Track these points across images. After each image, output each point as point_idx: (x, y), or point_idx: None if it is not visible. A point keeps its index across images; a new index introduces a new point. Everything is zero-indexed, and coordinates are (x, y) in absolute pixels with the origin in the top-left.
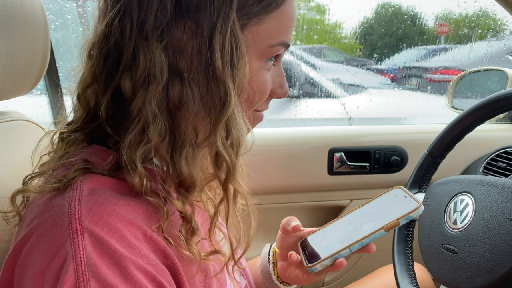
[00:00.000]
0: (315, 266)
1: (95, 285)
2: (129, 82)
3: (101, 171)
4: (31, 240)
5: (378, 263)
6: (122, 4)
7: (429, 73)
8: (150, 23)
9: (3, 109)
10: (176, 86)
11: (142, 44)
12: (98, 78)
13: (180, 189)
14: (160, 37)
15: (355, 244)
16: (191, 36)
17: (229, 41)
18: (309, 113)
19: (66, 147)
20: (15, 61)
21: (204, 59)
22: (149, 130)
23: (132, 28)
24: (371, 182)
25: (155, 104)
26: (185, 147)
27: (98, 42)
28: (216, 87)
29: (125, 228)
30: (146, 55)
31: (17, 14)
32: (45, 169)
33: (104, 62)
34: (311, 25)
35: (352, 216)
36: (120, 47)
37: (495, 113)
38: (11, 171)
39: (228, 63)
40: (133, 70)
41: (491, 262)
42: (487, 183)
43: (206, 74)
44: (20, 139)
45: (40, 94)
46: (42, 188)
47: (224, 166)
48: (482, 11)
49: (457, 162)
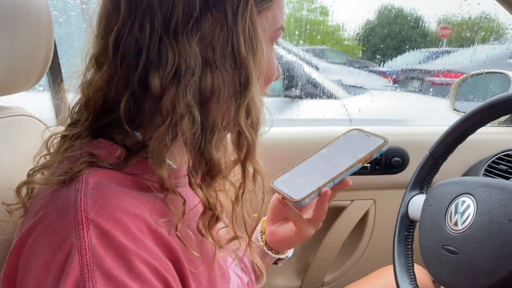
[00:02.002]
0: (304, 200)
1: (100, 276)
2: (157, 79)
3: (106, 165)
4: (36, 231)
5: (378, 264)
6: (137, 7)
7: (431, 76)
8: (178, 20)
9: (6, 104)
10: (209, 77)
11: (169, 40)
12: (113, 81)
13: (206, 177)
14: (191, 31)
15: (338, 178)
16: (218, 26)
17: (249, 28)
18: (311, 113)
19: (71, 141)
20: (19, 56)
21: (231, 47)
22: (183, 122)
23: (153, 28)
24: (372, 183)
25: (190, 96)
26: (215, 133)
27: (109, 48)
28: (240, 72)
29: (130, 221)
30: (175, 51)
31: (21, 10)
32: (50, 162)
33: (119, 65)
34: (313, 26)
35: (317, 157)
36: (138, 49)
37: (496, 115)
38: (13, 166)
39: (250, 49)
40: (160, 67)
41: (492, 263)
42: (489, 185)
43: (232, 61)
44: (23, 135)
45: (43, 91)
46: (47, 180)
47: (245, 145)
48: (485, 14)
49: (458, 164)
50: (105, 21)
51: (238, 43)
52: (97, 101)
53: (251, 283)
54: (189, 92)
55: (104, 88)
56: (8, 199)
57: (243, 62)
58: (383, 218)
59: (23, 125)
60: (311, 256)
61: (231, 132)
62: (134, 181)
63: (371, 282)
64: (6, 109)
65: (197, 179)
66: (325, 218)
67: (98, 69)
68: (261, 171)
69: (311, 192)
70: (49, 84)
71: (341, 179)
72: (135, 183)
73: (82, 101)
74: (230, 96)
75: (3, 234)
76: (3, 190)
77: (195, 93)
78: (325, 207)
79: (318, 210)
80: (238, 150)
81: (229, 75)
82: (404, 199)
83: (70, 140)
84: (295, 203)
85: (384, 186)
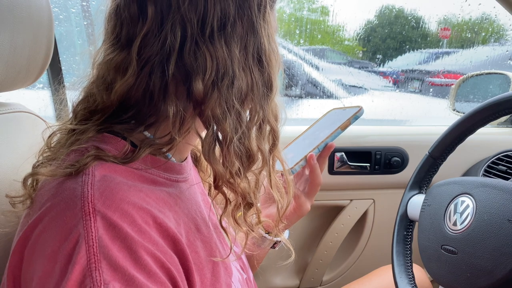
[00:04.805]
0: (294, 167)
1: (106, 266)
2: (200, 84)
3: (112, 159)
4: (43, 222)
5: (376, 264)
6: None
7: (431, 77)
8: (213, 24)
9: (6, 101)
10: (244, 78)
11: (206, 45)
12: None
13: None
14: (229, 35)
15: (321, 144)
16: (248, 28)
17: (268, 26)
18: (311, 113)
19: (77, 135)
20: (19, 52)
21: (258, 47)
22: (226, 124)
23: (185, 34)
24: (372, 183)
25: (234, 98)
26: (251, 128)
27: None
28: (266, 70)
29: (136, 213)
30: (212, 55)
31: (22, 6)
32: (56, 155)
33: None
34: (313, 26)
35: (302, 137)
36: (167, 55)
37: (496, 116)
38: (12, 162)
39: (271, 47)
40: (200, 73)
41: (490, 263)
42: (488, 185)
43: (260, 61)
44: (22, 131)
45: (43, 88)
46: (54, 172)
47: (270, 136)
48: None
49: (458, 165)
50: (127, 26)
51: (264, 42)
52: (113, 105)
53: (248, 281)
54: (231, 94)
55: (125, 94)
56: (12, 192)
57: (268, 60)
58: (382, 217)
59: (23, 121)
60: (310, 255)
61: (260, 126)
62: (140, 175)
63: (370, 281)
64: (6, 106)
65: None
66: (324, 217)
67: (120, 75)
68: (282, 159)
69: (299, 160)
70: (49, 81)
71: (324, 145)
72: (141, 177)
73: (92, 103)
74: (261, 94)
75: (7, 227)
76: (3, 185)
77: (235, 95)
78: (316, 172)
79: (311, 176)
80: (263, 140)
81: (259, 74)
82: (403, 199)
83: (76, 134)
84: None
85: (383, 186)
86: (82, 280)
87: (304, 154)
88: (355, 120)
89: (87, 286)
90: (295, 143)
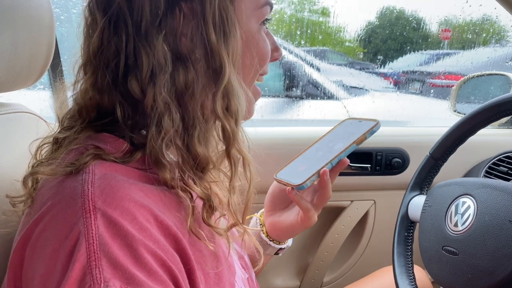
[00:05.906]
0: (306, 183)
1: (106, 264)
2: (136, 83)
3: (112, 158)
4: (44, 221)
5: (377, 265)
6: (111, 13)
7: (431, 78)
8: (146, 20)
9: (7, 101)
10: (181, 71)
11: (141, 42)
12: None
13: (196, 171)
14: (158, 29)
15: (335, 159)
16: (186, 18)
17: (219, 14)
18: (312, 114)
19: (75, 134)
20: (20, 52)
21: (201, 36)
22: (164, 121)
23: (127, 32)
24: (372, 184)
25: (165, 93)
26: (196, 127)
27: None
28: (212, 60)
29: (137, 211)
30: (148, 52)
31: (23, 7)
32: (55, 154)
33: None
34: (314, 27)
35: (315, 147)
36: (118, 54)
37: (497, 117)
38: (13, 162)
39: (221, 35)
40: (137, 71)
41: (492, 264)
42: (489, 186)
43: (204, 51)
44: (23, 131)
45: (44, 88)
46: (54, 171)
47: (226, 134)
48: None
49: (459, 166)
50: (86, 30)
51: (208, 31)
52: (91, 108)
53: (250, 281)
54: (164, 90)
55: (96, 96)
56: (12, 192)
57: (214, 49)
58: (383, 218)
59: (24, 122)
60: (311, 256)
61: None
62: (140, 174)
63: (371, 282)
64: (7, 106)
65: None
66: (325, 218)
67: (87, 77)
68: (246, 158)
69: (311, 175)
70: (50, 82)
71: (338, 160)
72: (142, 176)
73: (75, 109)
74: (204, 87)
75: (8, 227)
76: (3, 185)
77: (169, 90)
78: (327, 188)
79: (321, 191)
80: (223, 139)
81: (201, 65)
82: (404, 200)
83: (74, 133)
84: (297, 187)
85: (384, 186)
86: (82, 278)
87: (317, 168)
88: (371, 135)
89: (87, 284)
90: (307, 153)
